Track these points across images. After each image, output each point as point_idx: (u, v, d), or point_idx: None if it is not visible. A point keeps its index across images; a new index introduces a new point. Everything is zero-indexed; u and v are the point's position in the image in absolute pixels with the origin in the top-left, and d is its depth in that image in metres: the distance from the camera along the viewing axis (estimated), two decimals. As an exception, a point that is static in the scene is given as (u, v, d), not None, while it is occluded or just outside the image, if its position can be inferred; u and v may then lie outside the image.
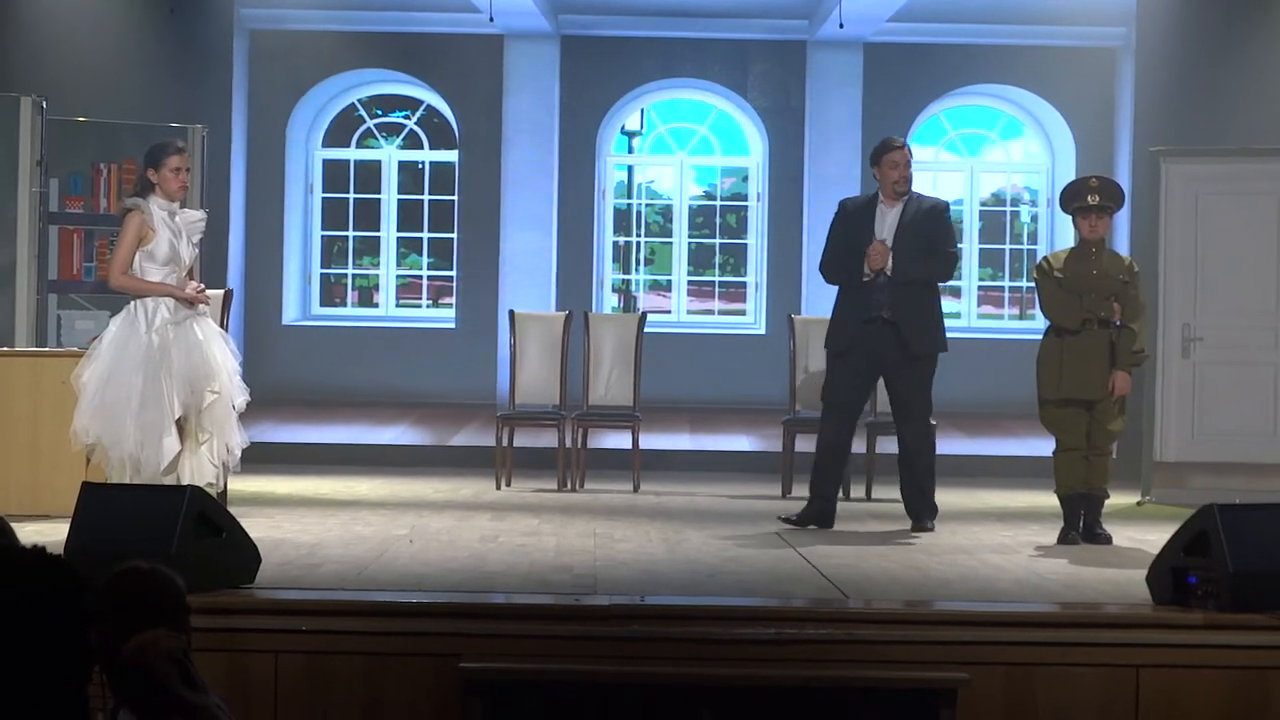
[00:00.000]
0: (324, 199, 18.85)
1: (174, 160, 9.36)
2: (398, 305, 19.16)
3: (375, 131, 19.30)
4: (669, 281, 19.72)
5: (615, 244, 19.57)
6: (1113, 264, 10.13)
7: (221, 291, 11.06)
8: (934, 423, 10.89)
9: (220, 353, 9.38)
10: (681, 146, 19.68)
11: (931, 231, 10.72)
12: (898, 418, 10.81)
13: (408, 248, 19.30)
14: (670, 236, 19.66)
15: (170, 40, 14.94)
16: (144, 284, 9.28)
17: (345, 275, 19.03)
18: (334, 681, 6.88)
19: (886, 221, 10.77)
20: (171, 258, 9.30)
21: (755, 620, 7.18)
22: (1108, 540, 9.90)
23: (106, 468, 9.17)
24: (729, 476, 13.78)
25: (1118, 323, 9.99)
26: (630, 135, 19.70)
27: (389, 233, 19.02)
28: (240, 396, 9.47)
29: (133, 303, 9.32)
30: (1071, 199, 10.18)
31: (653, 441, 14.05)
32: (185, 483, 8.76)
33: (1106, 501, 10.23)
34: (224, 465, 9.57)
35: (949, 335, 11.00)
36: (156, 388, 9.12)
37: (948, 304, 17.89)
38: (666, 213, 19.76)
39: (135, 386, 9.13)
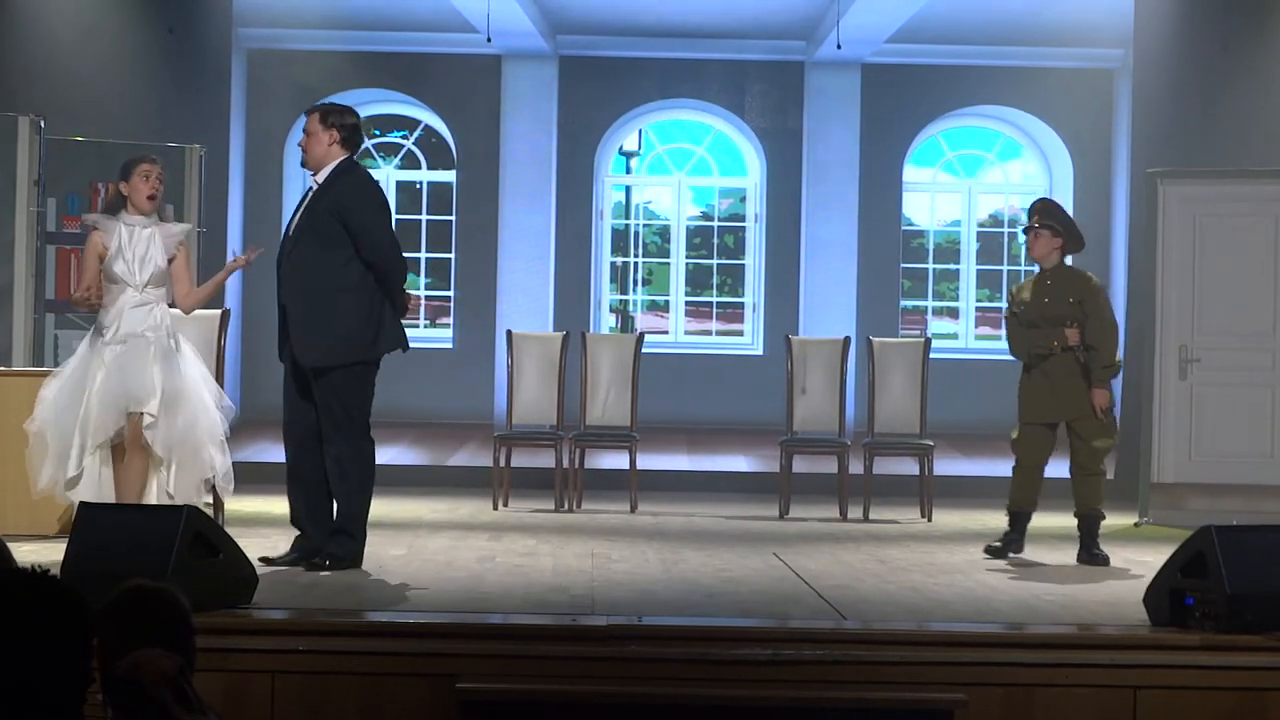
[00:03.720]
0: (322, 219, 18.84)
1: (142, 167, 9.22)
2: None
3: (373, 151, 19.31)
4: (666, 302, 19.73)
5: (613, 264, 19.59)
6: (1066, 288, 10.14)
7: (219, 312, 11.06)
8: (369, 441, 9.10)
9: (165, 375, 9.11)
10: (679, 167, 19.71)
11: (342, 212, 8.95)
12: (321, 437, 9.03)
13: (405, 268, 19.29)
14: (668, 257, 19.69)
15: (168, 60, 14.94)
16: (94, 298, 9.25)
17: (343, 295, 19.00)
18: (331, 702, 6.87)
19: (306, 202, 9.20)
20: (125, 276, 9.16)
21: (752, 641, 7.18)
22: (1105, 561, 9.89)
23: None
24: (726, 497, 13.78)
25: (1070, 345, 10.03)
26: (628, 156, 19.72)
27: (387, 253, 19.00)
28: (210, 417, 9.26)
29: (97, 320, 9.29)
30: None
31: (650, 462, 14.05)
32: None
33: (1104, 523, 10.22)
34: (214, 489, 9.52)
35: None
36: (73, 403, 9.04)
37: (945, 325, 17.84)
38: (664, 233, 19.79)
39: (60, 402, 9.10)
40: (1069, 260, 10.40)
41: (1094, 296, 10.12)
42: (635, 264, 19.81)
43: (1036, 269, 10.38)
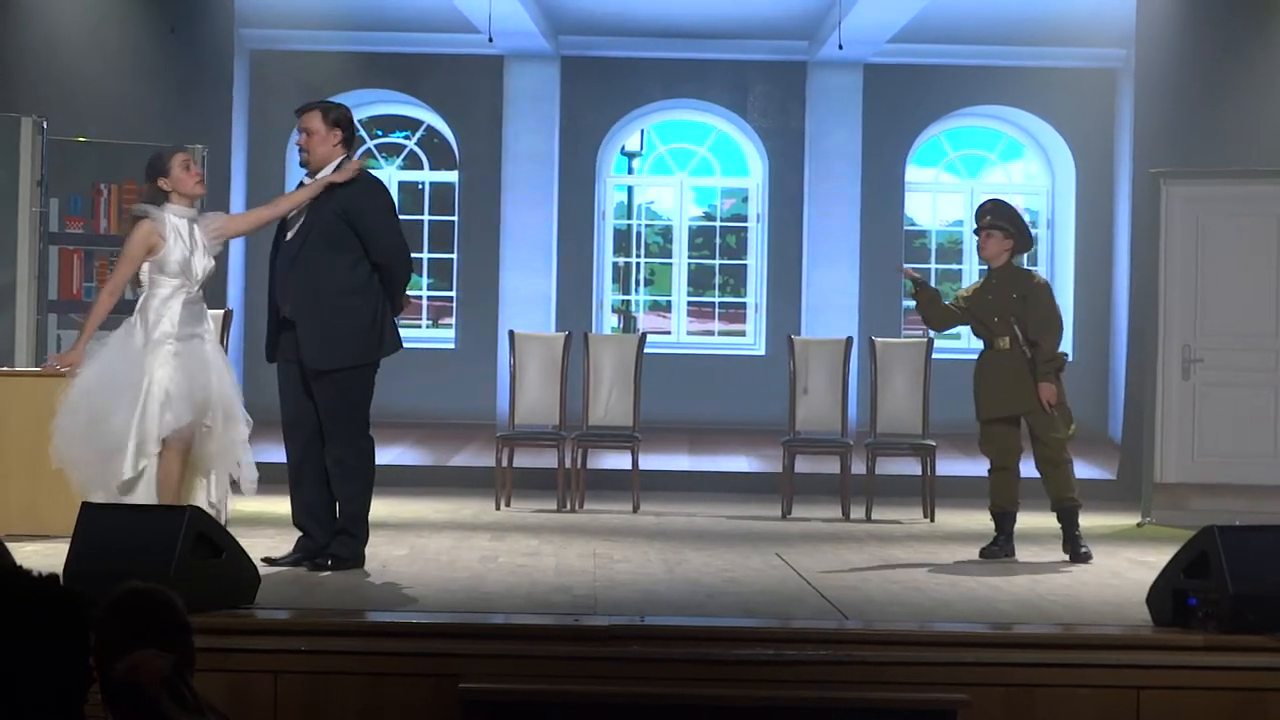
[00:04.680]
0: (324, 219, 18.83)
1: (180, 157, 8.98)
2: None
3: (375, 152, 19.31)
4: (669, 302, 19.73)
5: (615, 264, 19.58)
6: (1010, 285, 10.23)
7: (221, 312, 11.06)
8: (369, 439, 9.06)
9: (219, 382, 8.91)
10: (681, 167, 19.70)
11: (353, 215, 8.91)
12: (324, 438, 8.99)
13: (408, 268, 19.28)
14: (670, 257, 19.68)
15: (171, 60, 14.91)
16: (90, 320, 9.05)
17: (345, 295, 18.99)
18: (333, 702, 6.87)
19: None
20: (182, 270, 8.87)
21: (755, 641, 7.18)
22: (1088, 558, 9.93)
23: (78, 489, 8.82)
24: (728, 497, 13.77)
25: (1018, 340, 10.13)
26: (630, 156, 19.72)
27: (389, 253, 18.99)
28: (238, 424, 9.14)
29: (136, 313, 8.90)
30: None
31: (652, 462, 14.05)
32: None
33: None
34: (226, 490, 9.44)
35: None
36: (123, 399, 8.71)
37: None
38: (666, 233, 19.78)
39: (111, 400, 8.84)
40: (1028, 263, 10.47)
41: (1036, 292, 10.24)
42: (637, 264, 19.80)
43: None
